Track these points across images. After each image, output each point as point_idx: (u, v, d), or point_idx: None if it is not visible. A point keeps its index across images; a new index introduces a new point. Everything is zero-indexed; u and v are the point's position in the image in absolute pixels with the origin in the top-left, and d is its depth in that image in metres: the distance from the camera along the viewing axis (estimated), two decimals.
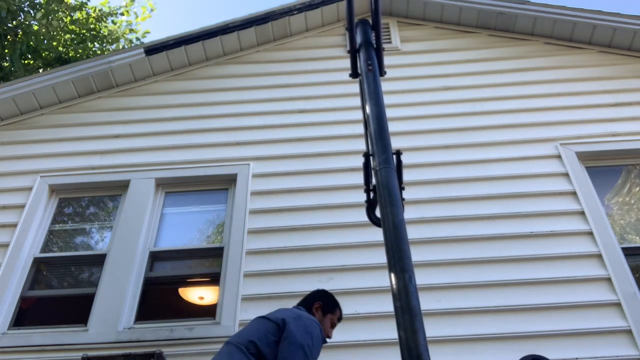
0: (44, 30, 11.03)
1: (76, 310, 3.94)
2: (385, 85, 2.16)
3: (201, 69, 5.47)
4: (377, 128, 1.95)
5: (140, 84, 5.34)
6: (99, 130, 4.95)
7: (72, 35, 12.05)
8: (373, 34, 2.25)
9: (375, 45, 2.17)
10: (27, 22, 11.00)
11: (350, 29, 2.18)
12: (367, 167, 2.22)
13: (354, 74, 2.27)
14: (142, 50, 5.29)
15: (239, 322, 3.56)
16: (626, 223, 4.23)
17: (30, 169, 4.67)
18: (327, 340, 2.79)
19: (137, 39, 13.05)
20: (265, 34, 5.58)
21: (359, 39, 2.21)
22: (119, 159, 4.70)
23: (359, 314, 3.56)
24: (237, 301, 3.67)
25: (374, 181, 1.95)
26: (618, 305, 3.52)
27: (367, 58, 2.11)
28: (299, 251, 3.95)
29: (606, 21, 5.18)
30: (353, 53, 2.23)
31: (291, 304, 2.98)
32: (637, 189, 4.39)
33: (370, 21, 2.30)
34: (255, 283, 3.79)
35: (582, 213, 4.02)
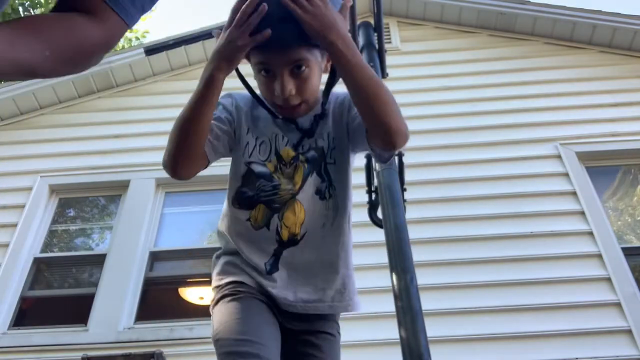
0: None
1: (76, 310, 3.94)
2: None
3: (201, 69, 5.41)
4: None
5: (140, 84, 5.33)
6: (99, 130, 4.95)
7: None
8: (375, 36, 2.25)
9: (377, 47, 2.18)
10: None
11: (353, 31, 2.18)
12: (369, 169, 2.22)
13: None
14: (142, 50, 5.28)
15: None
16: (626, 223, 4.24)
17: (30, 169, 4.66)
18: None
19: (137, 38, 13.05)
20: None
21: (361, 41, 2.21)
22: (119, 159, 4.69)
23: (359, 313, 3.56)
24: None
25: (376, 182, 1.96)
26: (618, 305, 3.52)
27: (369, 60, 2.11)
28: None
29: (606, 21, 5.17)
30: None
31: None
32: (637, 189, 4.39)
33: (372, 22, 2.30)
34: None
35: (582, 213, 4.02)
